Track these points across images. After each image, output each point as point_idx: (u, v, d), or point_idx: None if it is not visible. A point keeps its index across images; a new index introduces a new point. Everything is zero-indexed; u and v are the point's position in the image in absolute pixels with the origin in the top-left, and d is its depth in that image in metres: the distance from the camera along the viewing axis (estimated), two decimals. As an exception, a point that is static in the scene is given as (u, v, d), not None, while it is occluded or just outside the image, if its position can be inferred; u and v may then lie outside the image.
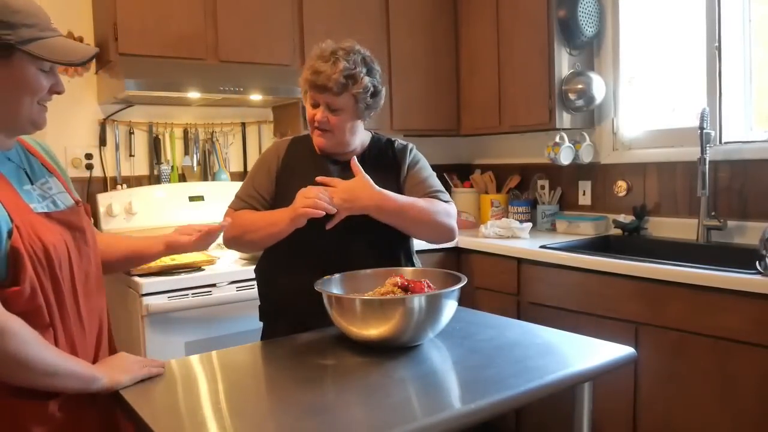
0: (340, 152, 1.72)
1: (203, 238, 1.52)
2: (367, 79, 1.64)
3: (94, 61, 1.42)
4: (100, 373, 1.17)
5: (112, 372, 1.20)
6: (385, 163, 1.76)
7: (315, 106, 1.67)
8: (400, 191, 1.71)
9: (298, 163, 1.74)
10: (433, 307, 1.35)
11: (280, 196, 1.71)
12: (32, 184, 1.22)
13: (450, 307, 1.39)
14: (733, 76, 2.55)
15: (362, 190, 1.57)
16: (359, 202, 1.56)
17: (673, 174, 2.75)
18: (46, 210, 1.20)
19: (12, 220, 1.09)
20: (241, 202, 1.75)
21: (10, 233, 1.09)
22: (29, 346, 1.06)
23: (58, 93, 1.20)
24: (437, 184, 1.77)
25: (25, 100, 1.15)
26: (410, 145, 1.82)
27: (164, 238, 1.52)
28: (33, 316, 1.11)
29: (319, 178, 1.60)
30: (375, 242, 1.67)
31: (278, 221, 1.59)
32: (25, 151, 1.27)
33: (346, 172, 1.66)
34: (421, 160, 1.81)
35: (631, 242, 2.80)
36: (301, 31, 2.89)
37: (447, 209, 1.70)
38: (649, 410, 2.16)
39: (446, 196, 1.75)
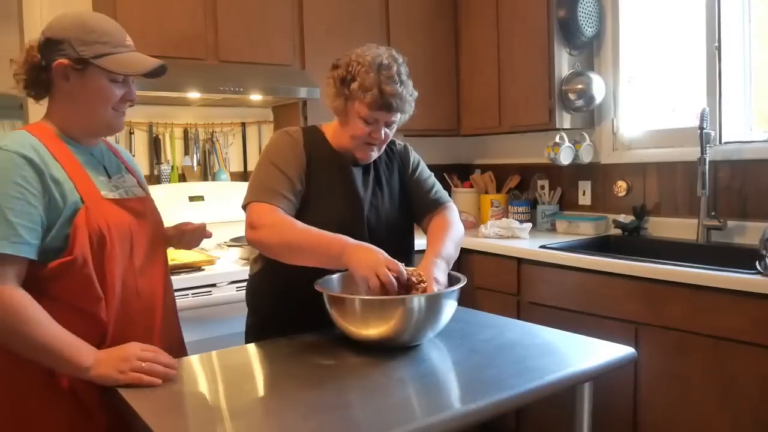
0: None
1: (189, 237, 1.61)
2: (414, 92, 1.66)
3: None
4: (90, 363, 1.20)
5: (106, 365, 1.21)
6: (393, 164, 1.78)
7: (369, 122, 1.59)
8: (406, 188, 1.78)
9: (320, 162, 1.65)
10: (433, 307, 1.35)
11: (309, 196, 1.62)
12: (109, 177, 1.39)
13: (450, 307, 1.39)
14: (733, 76, 2.55)
15: (444, 272, 1.52)
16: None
17: (673, 174, 2.75)
18: (116, 197, 1.36)
19: (83, 201, 1.26)
20: (285, 201, 1.56)
21: (76, 212, 1.25)
22: (26, 322, 1.16)
23: (131, 101, 1.38)
24: (437, 183, 1.84)
25: (100, 107, 1.33)
26: (407, 145, 1.85)
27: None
28: (84, 286, 1.25)
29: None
30: (380, 247, 1.67)
31: (328, 261, 1.43)
32: (109, 152, 1.47)
33: (366, 175, 1.69)
34: (420, 160, 1.85)
35: (631, 242, 2.80)
36: (301, 31, 2.89)
37: (458, 216, 1.79)
38: (649, 410, 2.16)
39: (447, 195, 1.83)
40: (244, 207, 1.60)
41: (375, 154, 1.67)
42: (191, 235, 1.61)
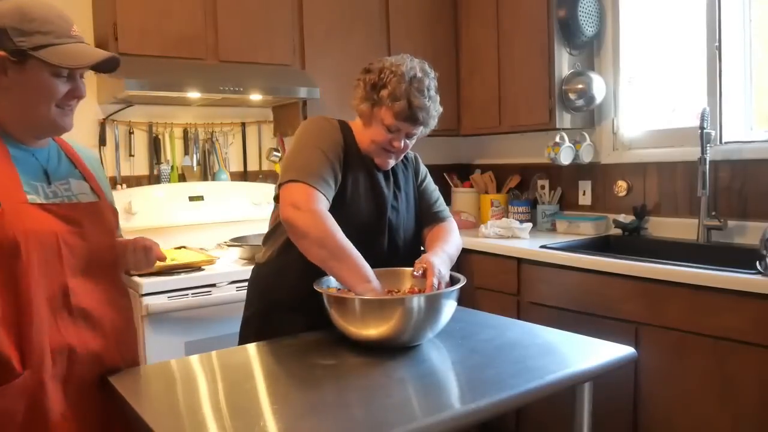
0: None
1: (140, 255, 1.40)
2: (440, 108, 1.67)
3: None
4: None
5: None
6: (408, 171, 1.79)
7: (392, 131, 1.60)
8: (417, 196, 1.79)
9: (350, 155, 1.63)
10: (433, 307, 1.35)
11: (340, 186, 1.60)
12: (49, 183, 1.25)
13: (449, 308, 1.39)
14: (733, 76, 2.55)
15: (447, 265, 1.55)
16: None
17: (673, 174, 2.75)
18: (42, 201, 1.21)
19: (0, 204, 1.13)
20: (328, 188, 1.53)
21: None
22: None
23: (78, 98, 1.24)
24: (440, 197, 1.86)
25: (41, 104, 1.20)
26: (417, 155, 1.87)
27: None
28: None
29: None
30: (396, 249, 1.68)
31: (346, 281, 1.43)
32: (61, 156, 1.33)
33: (387, 179, 1.70)
34: (427, 172, 1.87)
35: (631, 242, 2.80)
36: (301, 31, 2.89)
37: (457, 231, 1.79)
38: (649, 410, 2.16)
39: (448, 210, 1.86)
40: (282, 184, 1.53)
41: (392, 162, 1.68)
42: (132, 255, 1.39)
